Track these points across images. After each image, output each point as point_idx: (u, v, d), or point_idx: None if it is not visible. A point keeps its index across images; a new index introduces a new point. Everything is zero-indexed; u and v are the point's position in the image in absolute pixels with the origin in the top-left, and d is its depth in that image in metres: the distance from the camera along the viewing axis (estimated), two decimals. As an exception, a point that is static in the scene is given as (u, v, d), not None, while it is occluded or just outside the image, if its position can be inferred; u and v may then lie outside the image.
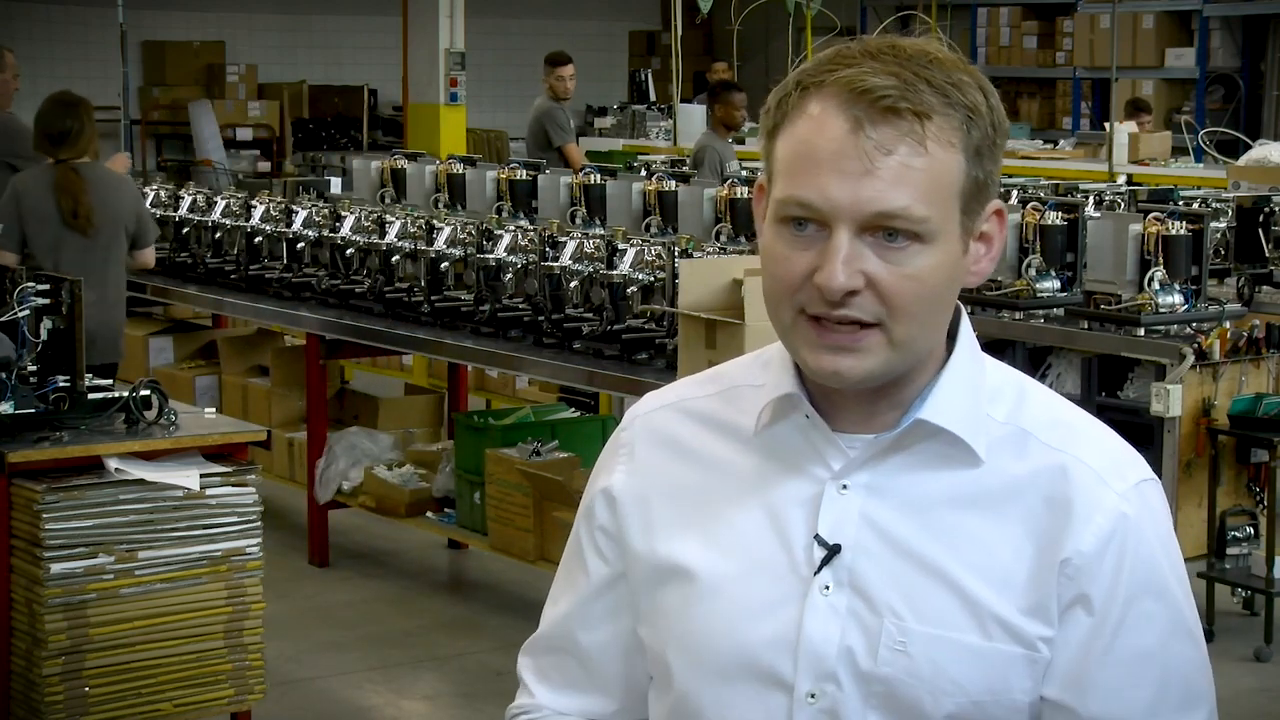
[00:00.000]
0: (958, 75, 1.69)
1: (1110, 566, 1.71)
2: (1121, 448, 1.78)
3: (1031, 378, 1.83)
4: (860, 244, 1.65)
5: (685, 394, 1.88)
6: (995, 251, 1.75)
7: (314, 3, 17.02)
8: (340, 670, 6.08)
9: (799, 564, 1.74)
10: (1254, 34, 14.51)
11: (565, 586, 1.92)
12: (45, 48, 15.51)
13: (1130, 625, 1.72)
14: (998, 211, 1.75)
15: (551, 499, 6.22)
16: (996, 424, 1.75)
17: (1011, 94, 16.44)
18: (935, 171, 1.65)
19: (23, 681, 4.73)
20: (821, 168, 1.65)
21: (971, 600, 1.70)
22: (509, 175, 7.67)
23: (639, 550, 1.84)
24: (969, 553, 1.71)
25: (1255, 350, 5.95)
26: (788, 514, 1.76)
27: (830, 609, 1.73)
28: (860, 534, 1.73)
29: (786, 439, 1.78)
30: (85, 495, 4.67)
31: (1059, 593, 1.71)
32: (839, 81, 1.66)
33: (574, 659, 1.91)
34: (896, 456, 1.74)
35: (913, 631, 1.70)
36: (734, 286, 5.20)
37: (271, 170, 15.17)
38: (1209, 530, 5.94)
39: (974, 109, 1.68)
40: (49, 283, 5.05)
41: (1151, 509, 1.76)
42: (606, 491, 1.87)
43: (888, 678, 1.71)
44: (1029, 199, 6.89)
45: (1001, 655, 1.70)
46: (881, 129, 1.64)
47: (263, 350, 8.33)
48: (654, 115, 14.13)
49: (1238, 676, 5.94)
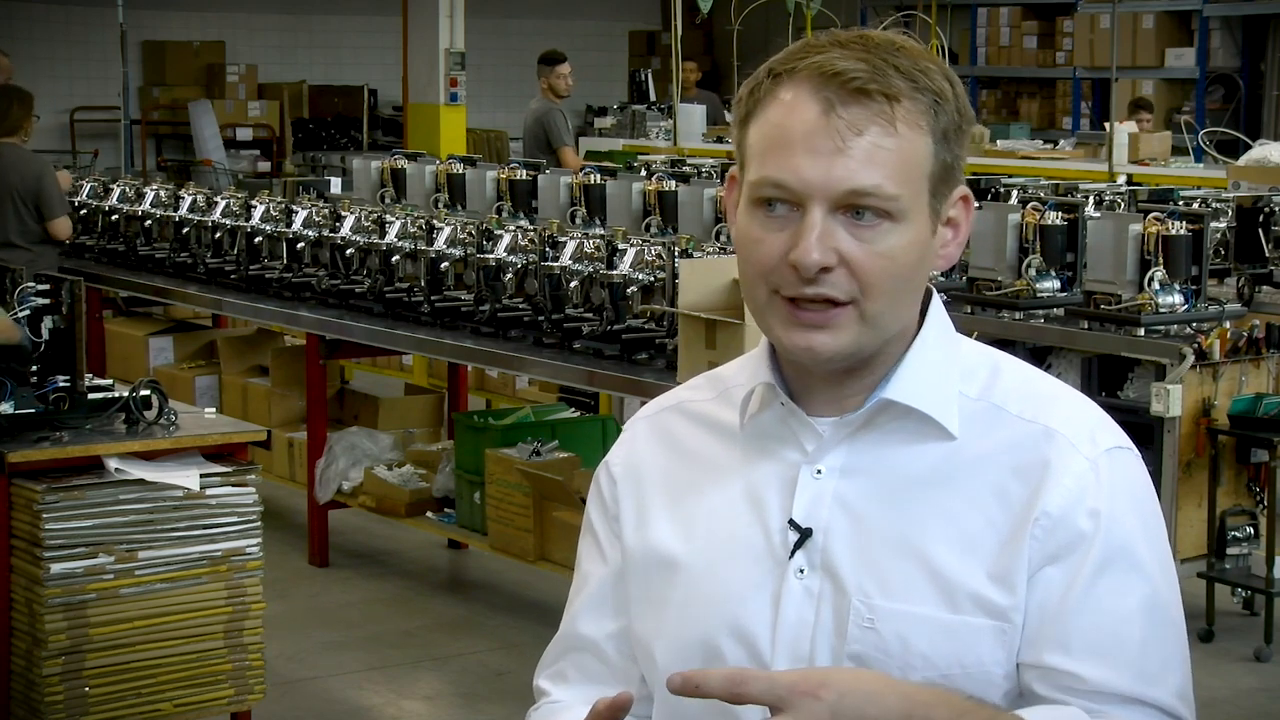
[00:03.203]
0: (924, 63, 1.73)
1: (1081, 528, 1.72)
2: (1097, 416, 1.79)
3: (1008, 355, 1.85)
4: (833, 222, 1.69)
5: (685, 397, 1.94)
6: (962, 237, 1.80)
7: (314, 3, 17.02)
8: (340, 670, 6.08)
9: (775, 548, 1.78)
10: (1254, 34, 14.50)
11: (575, 590, 1.96)
12: (45, 48, 15.52)
13: (1103, 589, 1.72)
14: (964, 198, 1.79)
15: (551, 499, 6.22)
16: (969, 400, 1.78)
17: (1011, 94, 16.43)
18: (905, 152, 1.70)
19: (23, 681, 4.73)
20: (794, 148, 1.69)
21: (940, 575, 1.72)
22: (509, 175, 7.67)
23: (630, 541, 1.88)
24: (939, 528, 1.74)
25: (1255, 350, 5.96)
26: (765, 499, 1.80)
27: (805, 592, 1.76)
28: (833, 515, 1.76)
29: (768, 427, 1.83)
30: (85, 495, 4.67)
31: (1029, 556, 1.72)
32: (810, 67, 1.71)
33: (589, 655, 1.93)
34: (869, 436, 1.78)
35: (880, 608, 1.73)
36: (734, 286, 5.20)
37: (271, 170, 15.17)
38: (1209, 530, 5.94)
39: (941, 94, 1.73)
40: (49, 283, 5.06)
41: (1126, 475, 1.76)
42: (607, 467, 1.94)
43: (858, 655, 1.73)
44: (1029, 199, 6.89)
45: (970, 628, 1.72)
46: (852, 109, 1.69)
47: (263, 350, 8.33)
48: (654, 115, 14.11)
49: (1238, 676, 5.94)
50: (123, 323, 9.04)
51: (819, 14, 11.92)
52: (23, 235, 8.20)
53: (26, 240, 8.21)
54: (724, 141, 13.07)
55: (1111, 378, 6.42)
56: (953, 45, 14.95)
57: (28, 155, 8.42)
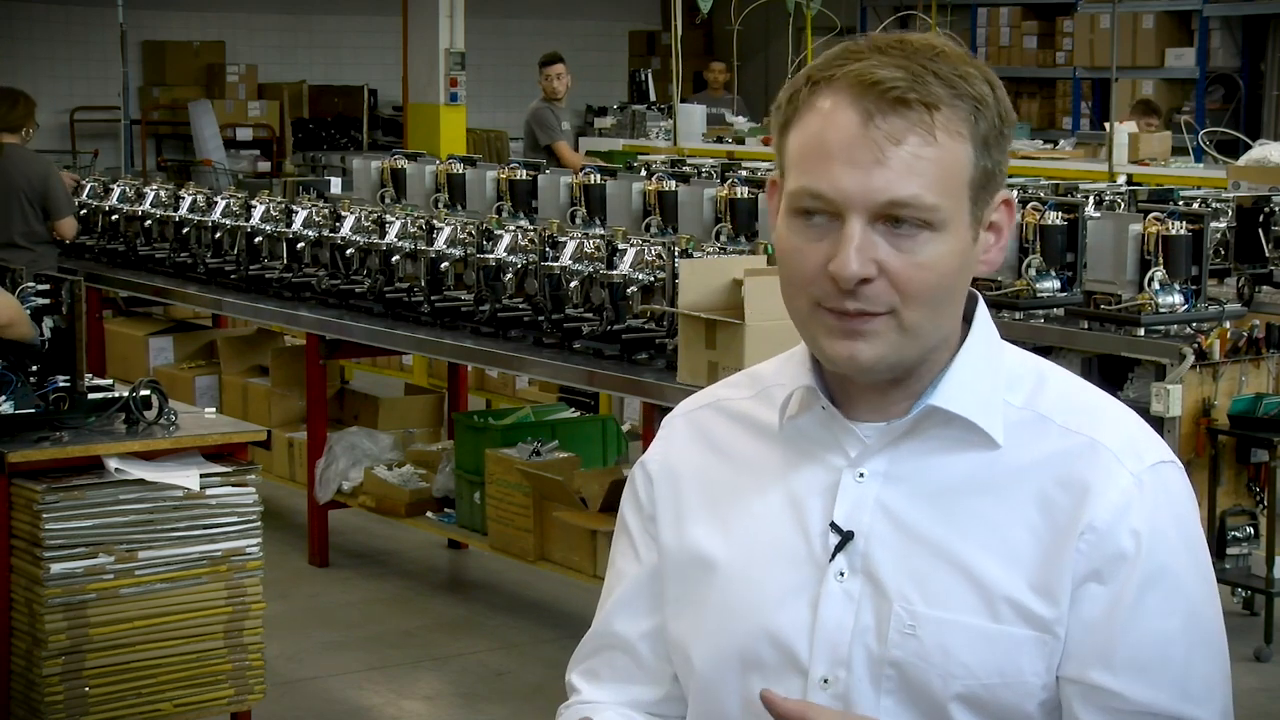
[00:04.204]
0: (964, 68, 1.72)
1: (1125, 545, 1.71)
2: (1142, 430, 1.78)
3: (1053, 364, 1.84)
4: (872, 233, 1.68)
5: (723, 395, 1.93)
6: (1004, 241, 1.79)
7: (314, 3, 17.02)
8: (340, 670, 6.08)
9: (816, 551, 1.77)
10: (1254, 34, 14.50)
11: (609, 588, 1.95)
12: (45, 48, 15.52)
13: (1147, 608, 1.71)
14: (1006, 202, 1.78)
15: (551, 499, 6.22)
16: (1014, 409, 1.77)
17: (1011, 94, 16.18)
18: (945, 161, 1.69)
19: (23, 681, 4.73)
20: (833, 159, 1.68)
21: (983, 584, 1.72)
22: (509, 175, 7.67)
23: (667, 541, 1.88)
24: (983, 536, 1.73)
25: (1255, 350, 5.95)
26: (807, 502, 1.79)
27: (845, 595, 1.75)
28: (875, 520, 1.76)
29: (809, 430, 1.82)
30: (85, 495, 4.67)
31: (1074, 569, 1.71)
32: (848, 75, 1.69)
33: (621, 653, 1.92)
34: (913, 443, 1.77)
35: (922, 615, 1.72)
36: (734, 286, 5.20)
37: (271, 170, 15.16)
38: (1209, 530, 5.94)
39: (981, 100, 1.72)
40: (49, 282, 5.06)
41: (1169, 491, 1.75)
42: (644, 466, 1.93)
43: (898, 661, 1.73)
44: (1029, 199, 6.88)
45: (1011, 638, 1.71)
46: (891, 120, 1.67)
47: (263, 350, 8.33)
48: (654, 115, 14.11)
49: (1238, 676, 5.88)
50: (123, 323, 9.04)
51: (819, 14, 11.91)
52: (26, 236, 8.22)
53: (29, 240, 8.23)
54: (723, 142, 13.08)
55: (1111, 378, 6.41)
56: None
57: (32, 155, 8.45)
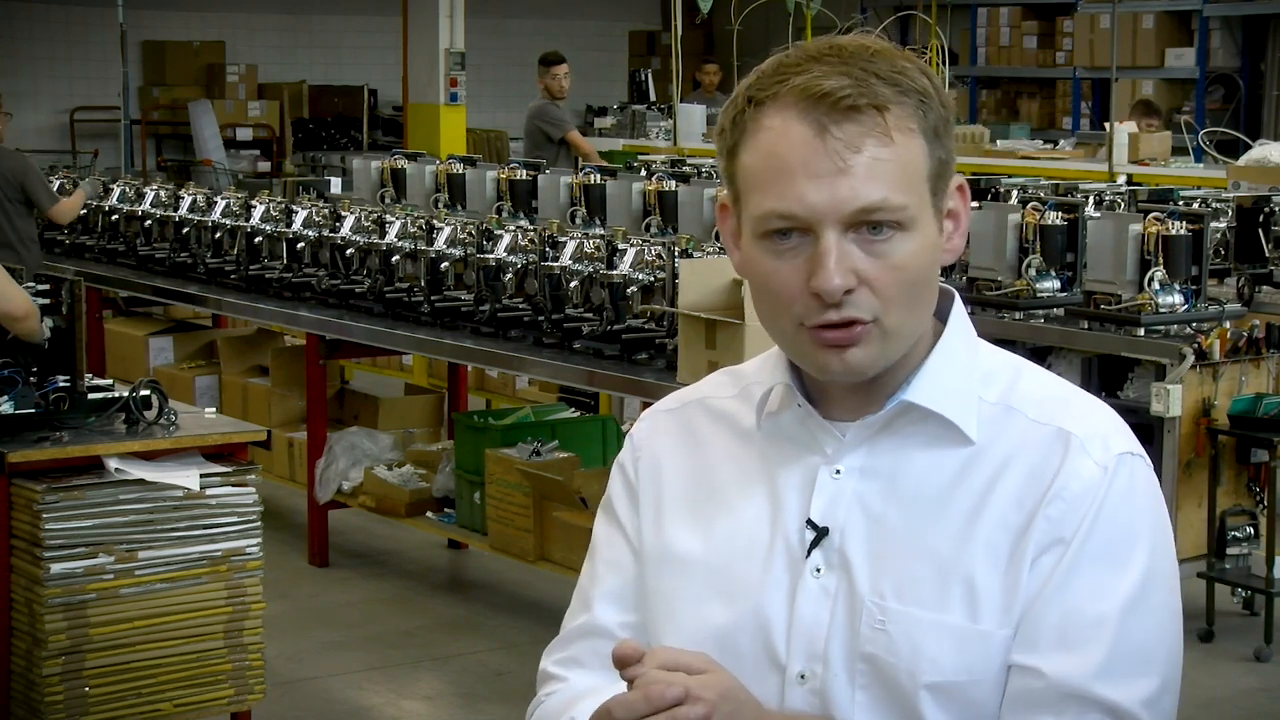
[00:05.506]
0: (900, 63, 1.72)
1: (1071, 527, 1.70)
2: (1112, 421, 1.78)
3: (1031, 363, 1.85)
4: (846, 242, 1.69)
5: (708, 392, 1.94)
6: (964, 227, 1.80)
7: (314, 3, 17.02)
8: (340, 670, 6.08)
9: (793, 547, 1.78)
10: (1254, 34, 14.49)
11: (591, 579, 1.94)
12: (45, 48, 15.50)
13: (1080, 585, 1.70)
14: (959, 187, 1.79)
15: (551, 499, 6.22)
16: (987, 405, 1.78)
17: (1011, 94, 16.42)
18: (903, 159, 1.69)
19: (23, 681, 4.73)
20: (794, 175, 1.68)
21: (954, 580, 1.72)
22: (509, 175, 7.67)
23: (648, 537, 1.88)
24: (957, 533, 1.73)
25: (1255, 350, 5.95)
26: (785, 499, 1.80)
27: (821, 591, 1.76)
28: (850, 516, 1.77)
29: (787, 428, 1.83)
30: (85, 495, 4.67)
31: (1032, 556, 1.71)
32: (793, 90, 1.69)
33: (606, 640, 1.90)
34: (889, 439, 1.78)
35: (892, 610, 1.73)
36: (734, 286, 5.20)
37: (271, 170, 15.16)
38: (1209, 530, 5.94)
39: (924, 93, 1.72)
40: (49, 282, 5.06)
41: (1132, 481, 1.74)
42: (627, 458, 1.93)
43: (870, 656, 1.73)
44: (1029, 199, 6.89)
45: (980, 635, 1.71)
46: (845, 127, 1.68)
47: (263, 350, 8.33)
48: (654, 115, 14.11)
49: (1238, 676, 5.94)
50: (123, 323, 9.04)
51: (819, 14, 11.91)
52: (14, 234, 8.28)
53: (18, 238, 8.29)
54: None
55: (1111, 378, 6.41)
56: (953, 45, 14.93)
57: (7, 152, 8.53)
